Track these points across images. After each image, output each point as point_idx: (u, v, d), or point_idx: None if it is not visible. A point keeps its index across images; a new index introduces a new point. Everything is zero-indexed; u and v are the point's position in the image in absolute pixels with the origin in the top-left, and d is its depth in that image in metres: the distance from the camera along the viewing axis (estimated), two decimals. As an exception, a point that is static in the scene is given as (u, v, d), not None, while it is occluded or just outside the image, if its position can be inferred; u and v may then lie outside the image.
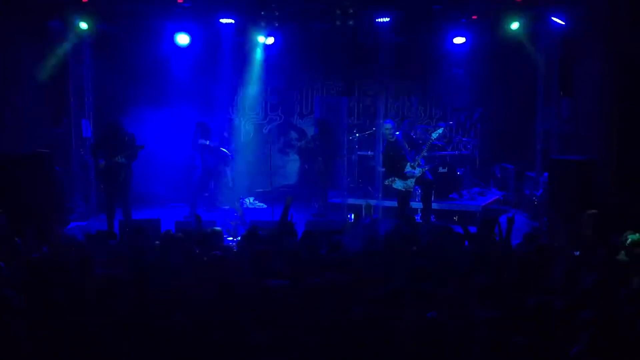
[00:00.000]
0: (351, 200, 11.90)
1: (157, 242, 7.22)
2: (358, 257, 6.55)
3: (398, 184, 10.26)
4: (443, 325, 4.82)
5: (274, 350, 4.55)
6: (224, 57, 12.79)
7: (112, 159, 9.98)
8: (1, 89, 10.25)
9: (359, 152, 12.44)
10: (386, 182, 10.60)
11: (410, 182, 10.18)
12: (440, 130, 10.77)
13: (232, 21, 11.23)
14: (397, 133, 10.30)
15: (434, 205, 10.99)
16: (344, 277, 5.55)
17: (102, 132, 10.41)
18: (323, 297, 5.17)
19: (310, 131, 13.50)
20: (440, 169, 11.77)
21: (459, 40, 11.61)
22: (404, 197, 10.30)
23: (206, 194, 12.26)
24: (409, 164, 10.14)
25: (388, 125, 10.21)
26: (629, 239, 6.50)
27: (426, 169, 10.22)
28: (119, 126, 10.15)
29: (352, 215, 10.73)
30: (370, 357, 4.51)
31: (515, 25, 10.97)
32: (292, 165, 13.84)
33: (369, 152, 12.29)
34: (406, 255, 6.59)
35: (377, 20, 11.10)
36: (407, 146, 10.18)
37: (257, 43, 12.36)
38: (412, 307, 5.17)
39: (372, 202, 11.27)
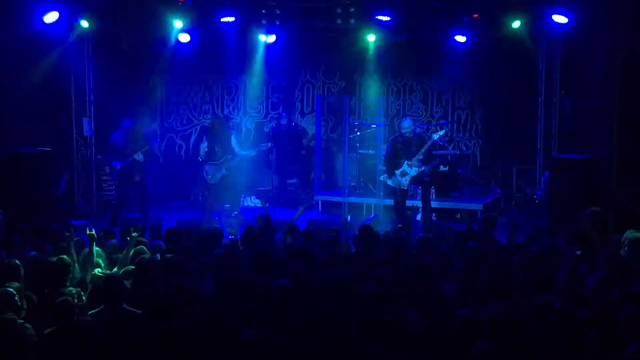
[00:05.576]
0: (352, 199, 11.91)
1: (157, 241, 7.21)
2: (357, 255, 6.55)
3: (391, 181, 10.28)
4: (444, 324, 4.83)
5: (275, 348, 4.54)
6: (225, 56, 12.78)
7: (129, 157, 10.04)
8: (1, 88, 10.24)
9: (360, 151, 12.44)
10: (381, 178, 10.67)
11: (405, 180, 10.18)
12: (442, 132, 10.77)
13: (233, 19, 11.20)
14: (415, 130, 10.39)
15: (435, 204, 11.01)
16: (343, 275, 5.55)
17: (119, 132, 10.43)
18: (322, 294, 5.17)
19: (312, 130, 13.50)
20: (442, 168, 11.76)
21: (460, 38, 11.58)
22: (399, 195, 10.32)
23: (207, 193, 12.23)
24: (406, 162, 10.15)
25: (407, 124, 10.24)
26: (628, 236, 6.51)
27: (423, 169, 10.21)
28: (134, 126, 10.25)
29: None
30: (369, 355, 4.51)
31: (516, 24, 10.94)
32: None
33: (370, 151, 12.29)
34: (406, 253, 6.60)
35: (377, 18, 11.07)
36: (414, 145, 10.20)
37: (258, 41, 12.35)
38: (412, 305, 5.17)
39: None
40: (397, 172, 10.20)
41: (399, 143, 10.29)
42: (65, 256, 6.12)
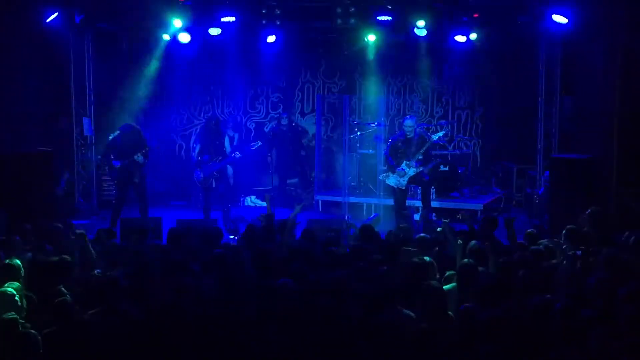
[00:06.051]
0: (352, 199, 11.91)
1: (157, 240, 7.22)
2: (356, 254, 6.55)
3: (391, 180, 10.30)
4: (444, 324, 4.82)
5: (276, 347, 4.55)
6: (225, 56, 12.79)
7: (129, 158, 10.06)
8: (1, 88, 10.24)
9: (360, 151, 12.44)
10: (381, 177, 10.69)
11: (404, 180, 10.19)
12: (441, 133, 10.76)
13: (233, 19, 11.20)
14: (417, 129, 10.40)
15: (435, 204, 11.01)
16: (343, 275, 5.55)
17: (118, 134, 10.43)
18: (322, 294, 5.17)
19: (312, 130, 13.51)
20: (442, 168, 11.76)
21: (460, 38, 11.59)
22: (398, 195, 10.33)
23: (203, 195, 12.24)
24: (405, 162, 10.16)
25: (409, 122, 10.25)
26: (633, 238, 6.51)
27: (421, 169, 10.21)
28: (135, 127, 10.28)
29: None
30: (369, 355, 4.51)
31: (517, 24, 10.94)
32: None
33: (370, 151, 12.30)
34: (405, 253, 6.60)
35: (378, 18, 11.08)
36: (414, 146, 10.21)
37: (258, 41, 12.34)
38: (412, 305, 5.18)
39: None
40: (396, 171, 10.21)
41: (400, 142, 10.30)
42: (65, 256, 6.12)
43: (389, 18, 10.98)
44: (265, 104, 13.98)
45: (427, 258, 6.00)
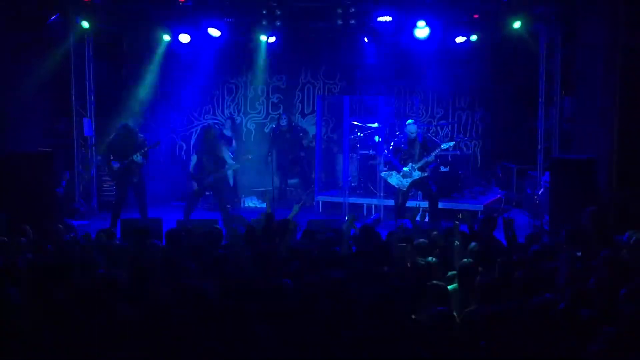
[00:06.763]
0: (352, 200, 11.91)
1: (156, 241, 7.21)
2: (357, 255, 6.55)
3: (393, 179, 10.30)
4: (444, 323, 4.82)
5: (276, 348, 4.55)
6: (225, 56, 12.80)
7: (128, 158, 10.06)
8: (2, 88, 10.25)
9: (360, 151, 12.45)
10: (383, 174, 10.68)
11: (406, 181, 10.19)
12: (452, 143, 10.74)
13: (233, 20, 11.22)
14: (419, 132, 10.42)
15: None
16: (344, 275, 5.55)
17: (115, 135, 10.42)
18: (322, 294, 5.17)
19: (312, 130, 13.51)
20: (442, 169, 11.77)
21: (460, 39, 11.60)
22: (399, 196, 10.32)
23: (208, 193, 12.26)
24: (410, 164, 10.16)
25: (412, 128, 10.27)
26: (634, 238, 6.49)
27: (426, 174, 10.21)
28: (132, 127, 10.28)
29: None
30: (369, 354, 4.51)
31: (517, 24, 10.95)
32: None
33: (370, 151, 12.30)
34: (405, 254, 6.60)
35: (378, 19, 11.09)
36: (418, 148, 10.21)
37: (258, 42, 12.36)
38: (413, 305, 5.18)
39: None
40: (401, 172, 10.20)
41: (402, 144, 10.32)
42: (66, 257, 6.12)
43: (389, 19, 10.99)
44: (265, 105, 13.99)
45: (431, 259, 6.01)
